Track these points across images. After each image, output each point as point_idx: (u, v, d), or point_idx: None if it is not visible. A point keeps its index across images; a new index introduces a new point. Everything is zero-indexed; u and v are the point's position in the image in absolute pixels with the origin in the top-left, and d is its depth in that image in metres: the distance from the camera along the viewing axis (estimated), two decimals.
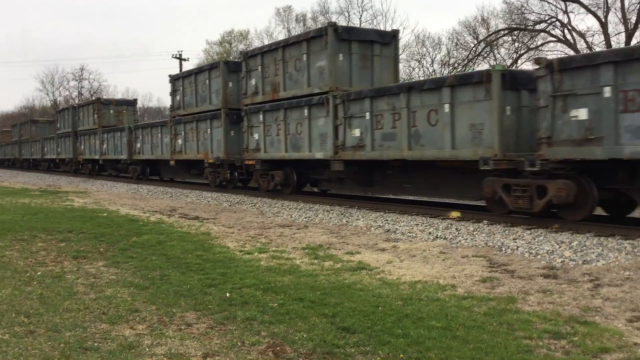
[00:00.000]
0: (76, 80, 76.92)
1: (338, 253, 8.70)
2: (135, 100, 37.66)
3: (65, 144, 37.76)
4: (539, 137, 9.78)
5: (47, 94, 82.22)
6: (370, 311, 5.51)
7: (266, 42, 39.71)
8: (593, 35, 32.65)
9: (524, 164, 10.05)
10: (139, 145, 27.53)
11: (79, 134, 35.28)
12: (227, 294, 6.21)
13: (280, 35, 50.37)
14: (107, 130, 30.88)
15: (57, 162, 39.91)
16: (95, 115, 32.65)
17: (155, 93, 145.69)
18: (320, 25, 38.16)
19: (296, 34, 33.40)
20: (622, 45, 28.62)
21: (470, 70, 31.29)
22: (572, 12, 33.47)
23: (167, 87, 24.72)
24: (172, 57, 53.49)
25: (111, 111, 32.93)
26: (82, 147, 34.83)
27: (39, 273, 7.43)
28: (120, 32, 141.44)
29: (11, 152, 55.66)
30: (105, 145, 31.06)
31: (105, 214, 14.08)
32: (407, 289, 6.45)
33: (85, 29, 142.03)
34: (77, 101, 73.32)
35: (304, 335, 4.87)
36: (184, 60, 51.85)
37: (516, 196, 10.43)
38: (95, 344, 4.73)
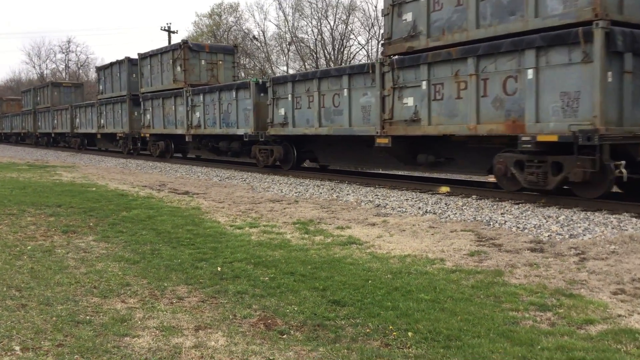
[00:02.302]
0: (63, 52, 75.97)
1: (328, 228, 8.76)
2: (236, 47, 27.29)
3: (115, 113, 29.10)
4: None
5: (34, 67, 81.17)
6: (360, 284, 5.58)
7: (257, 16, 39.12)
8: None
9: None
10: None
11: (144, 97, 25.94)
12: (218, 268, 6.26)
13: (271, 8, 49.79)
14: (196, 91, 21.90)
15: (98, 137, 32.05)
16: (179, 68, 23.19)
17: None
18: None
19: (290, 7, 33.28)
20: None
21: None
22: None
23: None
24: (161, 29, 52.90)
25: (202, 62, 23.60)
26: (148, 117, 25.63)
27: (29, 247, 7.43)
28: (107, 3, 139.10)
29: (21, 124, 47.31)
30: (203, 115, 21.47)
31: (94, 189, 14.03)
32: (396, 262, 6.52)
33: (71, 0, 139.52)
34: (64, 75, 72.31)
35: (295, 309, 4.93)
36: (173, 32, 51.16)
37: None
38: (87, 317, 4.76)
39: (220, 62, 23.69)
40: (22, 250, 7.24)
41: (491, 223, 8.77)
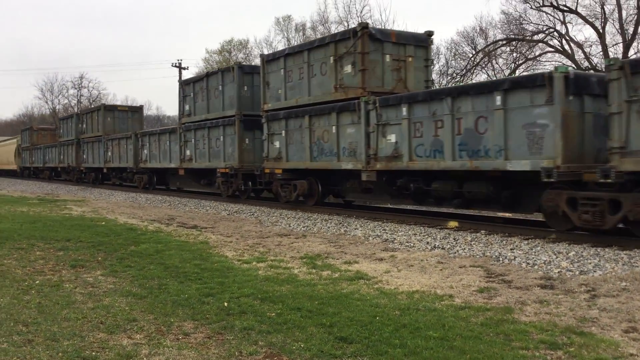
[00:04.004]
0: (75, 88, 77.03)
1: (336, 262, 8.72)
2: (430, 35, 16.16)
3: (213, 140, 21.16)
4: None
5: (47, 102, 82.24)
6: (368, 321, 5.53)
7: (265, 52, 39.80)
8: (591, 45, 32.83)
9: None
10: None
11: (271, 117, 18.08)
12: (225, 304, 6.23)
13: (280, 44, 50.58)
14: None
15: (180, 173, 23.57)
16: (349, 68, 16.53)
17: (154, 101, 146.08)
18: (320, 35, 38.23)
19: (297, 43, 33.10)
20: (619, 55, 28.78)
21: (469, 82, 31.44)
22: (570, 23, 33.30)
23: (166, 96, 25.31)
24: (172, 65, 53.65)
25: (387, 58, 15.66)
26: (277, 144, 18.51)
27: (37, 282, 7.43)
28: (119, 40, 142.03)
29: (58, 157, 38.90)
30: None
31: (103, 223, 14.09)
32: (404, 298, 6.47)
33: (85, 37, 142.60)
34: (75, 110, 73.44)
35: (302, 345, 4.88)
36: (184, 69, 52.02)
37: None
38: (93, 353, 4.74)
39: (410, 59, 15.10)
40: (30, 285, 7.25)
41: (500, 259, 8.70)
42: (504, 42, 34.93)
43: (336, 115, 14.46)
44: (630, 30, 30.47)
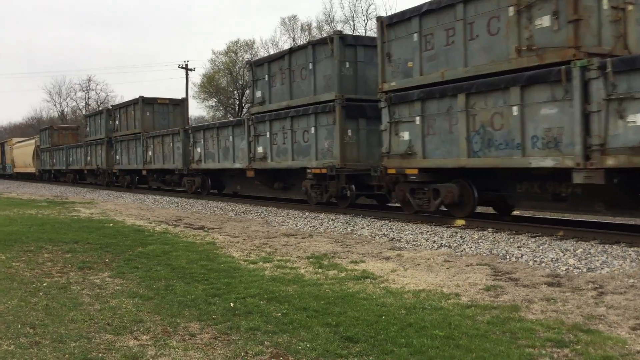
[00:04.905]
0: (83, 91, 77.57)
1: (342, 262, 8.72)
2: None
3: (298, 134, 16.89)
4: None
5: (55, 105, 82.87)
6: (374, 320, 5.52)
7: (272, 52, 39.49)
8: None
9: None
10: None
11: (403, 98, 14.04)
12: (231, 304, 6.24)
13: (286, 44, 50.59)
14: None
15: (249, 174, 19.27)
16: (548, 20, 10.31)
17: None
18: (325, 34, 38.12)
19: (302, 42, 32.50)
20: None
21: None
22: None
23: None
24: (179, 67, 53.74)
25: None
26: (405, 136, 14.28)
27: (44, 284, 7.48)
28: (126, 42, 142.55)
29: (84, 158, 35.20)
30: None
31: (111, 225, 14.15)
32: (410, 297, 6.46)
33: (91, 40, 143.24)
34: (84, 112, 73.75)
35: (307, 345, 4.88)
36: (191, 70, 52.08)
37: None
38: (100, 354, 4.76)
39: (631, 8, 10.30)
40: (38, 287, 7.29)
41: (507, 257, 8.66)
42: None
43: (520, 90, 10.30)
44: None
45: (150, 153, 26.89)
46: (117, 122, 30.86)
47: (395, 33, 13.10)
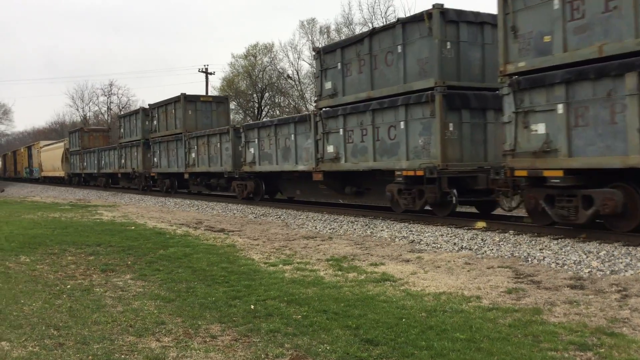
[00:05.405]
0: (105, 95, 78.54)
1: (362, 264, 8.71)
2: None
3: (377, 130, 14.53)
4: None
5: (77, 110, 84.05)
6: (394, 323, 5.51)
7: (291, 56, 39.39)
8: None
9: None
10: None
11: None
12: (252, 306, 6.27)
13: (304, 47, 50.70)
14: None
15: (315, 177, 16.84)
16: None
17: None
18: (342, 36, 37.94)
19: (321, 45, 31.96)
20: None
21: None
22: None
23: None
24: (199, 71, 54.22)
25: None
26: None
27: (68, 286, 7.59)
28: (147, 47, 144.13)
29: (118, 161, 33.35)
30: None
31: (133, 227, 14.30)
32: (431, 300, 6.43)
33: (113, 45, 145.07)
34: (106, 117, 74.69)
35: (327, 347, 4.89)
36: (210, 74, 52.42)
37: None
38: (123, 356, 4.82)
39: None
40: (61, 290, 7.40)
41: (529, 259, 8.58)
42: None
43: None
44: None
45: (193, 155, 24.78)
46: (155, 122, 28.89)
47: (525, 1, 10.40)
